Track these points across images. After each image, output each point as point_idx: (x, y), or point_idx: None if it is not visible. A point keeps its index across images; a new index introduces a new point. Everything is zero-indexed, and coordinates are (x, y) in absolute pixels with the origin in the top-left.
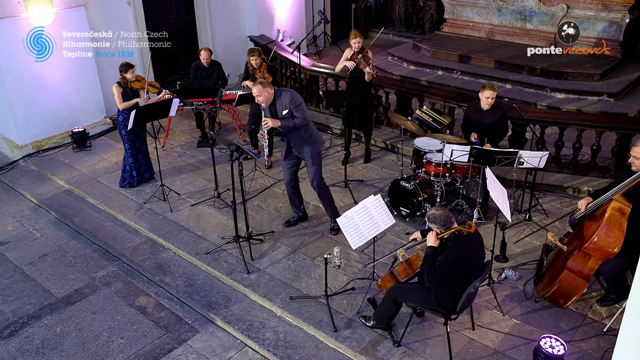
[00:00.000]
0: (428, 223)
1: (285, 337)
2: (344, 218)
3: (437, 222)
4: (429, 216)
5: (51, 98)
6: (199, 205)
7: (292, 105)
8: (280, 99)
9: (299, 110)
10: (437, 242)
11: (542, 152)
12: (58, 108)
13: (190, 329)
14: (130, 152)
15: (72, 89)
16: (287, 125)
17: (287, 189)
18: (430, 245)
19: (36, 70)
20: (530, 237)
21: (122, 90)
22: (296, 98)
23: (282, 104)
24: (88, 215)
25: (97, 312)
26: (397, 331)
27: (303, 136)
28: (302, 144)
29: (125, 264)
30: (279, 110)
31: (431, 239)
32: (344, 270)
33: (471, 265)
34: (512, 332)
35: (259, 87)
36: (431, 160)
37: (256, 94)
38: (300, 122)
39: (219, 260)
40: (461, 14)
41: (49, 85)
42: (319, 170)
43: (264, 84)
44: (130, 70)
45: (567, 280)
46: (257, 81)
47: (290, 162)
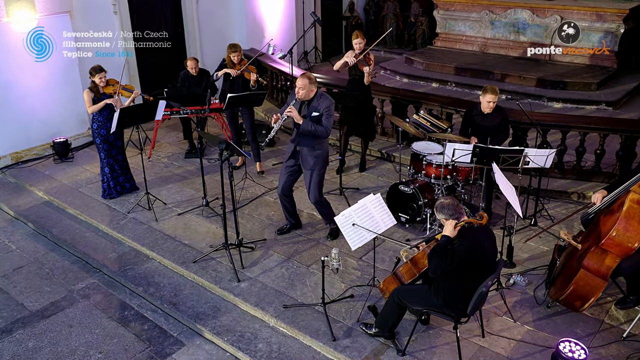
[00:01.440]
0: (436, 214)
1: (279, 348)
2: (342, 217)
3: (445, 212)
4: (436, 206)
5: (31, 108)
6: (186, 214)
7: (326, 111)
8: (317, 100)
9: (328, 120)
10: (454, 232)
11: (548, 150)
12: (39, 118)
13: (176, 342)
14: (106, 162)
15: (53, 99)
16: (307, 128)
17: (279, 195)
18: (446, 234)
19: (15, 78)
20: (538, 242)
21: (94, 96)
22: (332, 108)
23: (316, 106)
24: (67, 226)
25: (73, 326)
26: (401, 340)
27: (314, 146)
28: (309, 154)
29: (106, 276)
30: (309, 109)
31: (449, 228)
32: (342, 278)
33: (482, 262)
34: (525, 339)
35: (305, 81)
36: (432, 161)
37: (300, 86)
38: (321, 132)
39: (207, 269)
40: (453, 28)
41: (28, 95)
42: (318, 185)
43: (311, 80)
44: (98, 75)
45: (584, 280)
46: (304, 74)
47: (290, 168)
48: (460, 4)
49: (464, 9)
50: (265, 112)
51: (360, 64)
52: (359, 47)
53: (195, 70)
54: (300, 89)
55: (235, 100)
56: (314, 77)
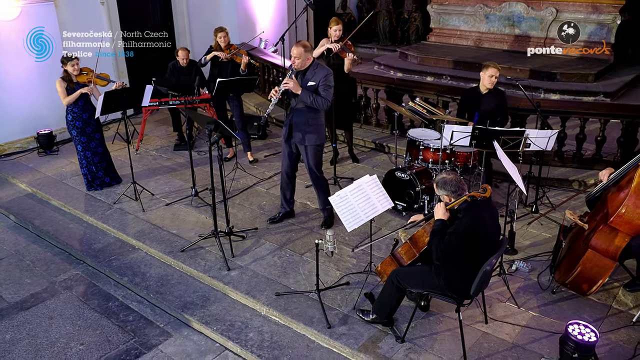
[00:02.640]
0: (436, 190)
1: (272, 337)
2: (337, 197)
3: (447, 188)
4: (437, 181)
5: (15, 99)
6: (175, 205)
7: (323, 82)
8: (314, 69)
9: (327, 91)
10: (446, 214)
11: (549, 131)
12: (23, 110)
13: (162, 332)
14: (83, 155)
15: (38, 91)
16: (306, 97)
17: (281, 177)
18: (439, 218)
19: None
20: (540, 229)
21: (67, 85)
22: (330, 79)
23: (313, 75)
24: (50, 217)
25: (54, 317)
26: (400, 326)
27: (308, 121)
28: (304, 129)
29: (90, 267)
30: (304, 79)
31: (440, 210)
32: (337, 265)
33: (485, 238)
34: (530, 325)
35: (301, 50)
36: (429, 146)
37: (296, 55)
38: (321, 103)
39: (195, 257)
40: (447, 22)
41: (12, 86)
42: (316, 161)
43: (307, 48)
44: (70, 63)
45: (592, 261)
46: (299, 42)
47: (290, 147)
48: None
49: (458, 3)
50: (256, 106)
51: (341, 52)
52: (337, 35)
53: (185, 61)
54: (296, 59)
55: (225, 86)
56: (310, 45)
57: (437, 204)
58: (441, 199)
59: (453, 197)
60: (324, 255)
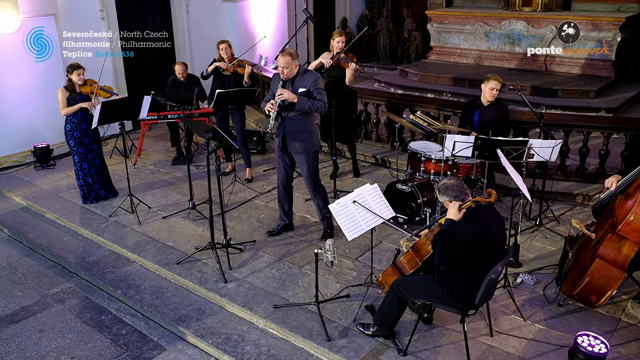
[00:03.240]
0: (439, 196)
1: (269, 350)
2: (337, 205)
3: (449, 194)
4: (439, 188)
5: (12, 113)
6: (172, 217)
7: (314, 86)
8: (302, 76)
9: (321, 94)
10: (459, 215)
11: (553, 141)
12: (20, 124)
13: (156, 346)
14: (79, 166)
15: (36, 105)
16: (303, 103)
17: (278, 189)
18: (450, 217)
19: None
20: (545, 242)
21: (69, 95)
22: (320, 82)
23: (302, 82)
24: (45, 230)
25: (45, 331)
26: (402, 340)
27: (302, 129)
28: (297, 137)
29: (84, 280)
30: (294, 87)
31: (452, 210)
32: (337, 278)
33: (490, 245)
34: (537, 338)
35: (287, 59)
36: (431, 156)
37: (283, 65)
38: (318, 106)
39: (192, 270)
40: (448, 41)
41: (10, 100)
42: (314, 169)
43: (293, 56)
44: (76, 72)
45: (600, 271)
46: (285, 51)
47: (284, 158)
48: (454, 16)
49: (458, 21)
50: (256, 122)
51: (343, 63)
52: (340, 47)
53: (183, 75)
54: (284, 68)
55: (224, 98)
56: (295, 52)
57: (452, 204)
58: (444, 205)
59: (456, 201)
60: (324, 266)
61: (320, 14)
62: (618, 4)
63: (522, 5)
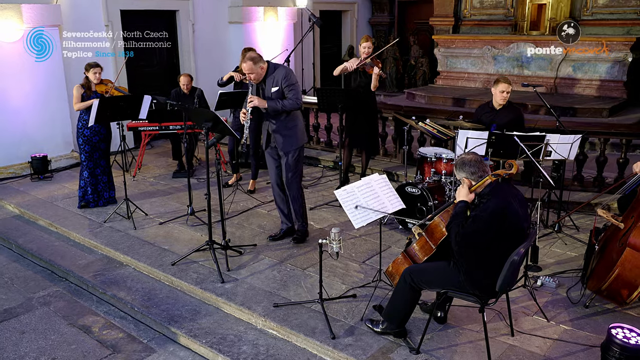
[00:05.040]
0: (456, 173)
1: (267, 350)
2: (344, 192)
3: (466, 169)
4: (457, 162)
5: (10, 124)
6: (169, 223)
7: (285, 83)
8: (272, 75)
9: (292, 91)
10: (470, 196)
11: (572, 136)
12: (18, 136)
13: (145, 348)
14: (86, 165)
15: (36, 116)
16: (275, 106)
17: (273, 190)
18: (462, 199)
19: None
20: (565, 249)
21: (83, 92)
22: (291, 76)
23: (273, 81)
24: (36, 236)
25: (26, 332)
26: (414, 339)
27: (287, 124)
28: (282, 134)
29: (73, 284)
30: (267, 88)
31: (462, 192)
32: (343, 279)
33: (514, 224)
34: (563, 338)
35: (250, 64)
36: (441, 156)
37: (247, 71)
38: (291, 105)
39: (187, 271)
40: (455, 65)
41: (8, 110)
42: (296, 167)
43: (254, 60)
44: (93, 70)
45: (631, 261)
46: (246, 56)
47: (272, 156)
48: (461, 40)
49: (465, 45)
50: None
51: (368, 68)
52: (367, 52)
53: (187, 87)
54: (250, 74)
55: (227, 99)
56: (257, 54)
57: (460, 186)
58: (461, 183)
59: (474, 180)
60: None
61: (327, 42)
62: (627, 27)
63: (529, 30)
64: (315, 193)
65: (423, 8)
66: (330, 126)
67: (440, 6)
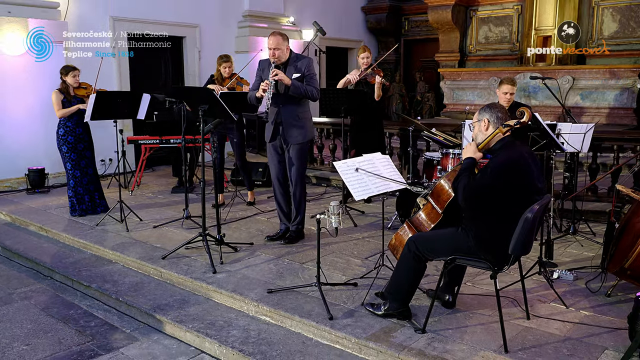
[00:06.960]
0: (477, 114)
1: (259, 334)
2: (344, 164)
3: (493, 112)
4: (484, 106)
5: (10, 136)
6: (163, 227)
7: (307, 71)
8: (295, 62)
9: (313, 81)
10: (478, 153)
11: (585, 125)
12: (16, 149)
13: (128, 337)
14: (72, 174)
15: (34, 131)
16: (298, 88)
17: (273, 186)
18: (468, 156)
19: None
20: (581, 249)
21: (63, 98)
22: (313, 67)
23: (295, 68)
24: (24, 239)
25: (1, 322)
26: (419, 321)
27: (298, 115)
28: (293, 124)
29: (57, 282)
30: (288, 74)
31: (470, 148)
32: (343, 272)
33: (527, 180)
34: (584, 322)
35: (278, 38)
36: (448, 152)
37: (274, 46)
38: (312, 93)
39: (178, 264)
40: (461, 97)
41: (9, 122)
42: (302, 161)
43: (284, 36)
44: (72, 73)
45: None
46: (273, 32)
47: (276, 149)
48: (467, 73)
49: (471, 77)
50: None
51: (370, 78)
52: (366, 62)
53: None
54: (275, 50)
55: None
56: (285, 33)
57: (468, 143)
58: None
59: (492, 126)
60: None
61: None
62: (634, 57)
63: (536, 61)
64: (318, 205)
65: (429, 46)
66: (334, 147)
67: (446, 43)
